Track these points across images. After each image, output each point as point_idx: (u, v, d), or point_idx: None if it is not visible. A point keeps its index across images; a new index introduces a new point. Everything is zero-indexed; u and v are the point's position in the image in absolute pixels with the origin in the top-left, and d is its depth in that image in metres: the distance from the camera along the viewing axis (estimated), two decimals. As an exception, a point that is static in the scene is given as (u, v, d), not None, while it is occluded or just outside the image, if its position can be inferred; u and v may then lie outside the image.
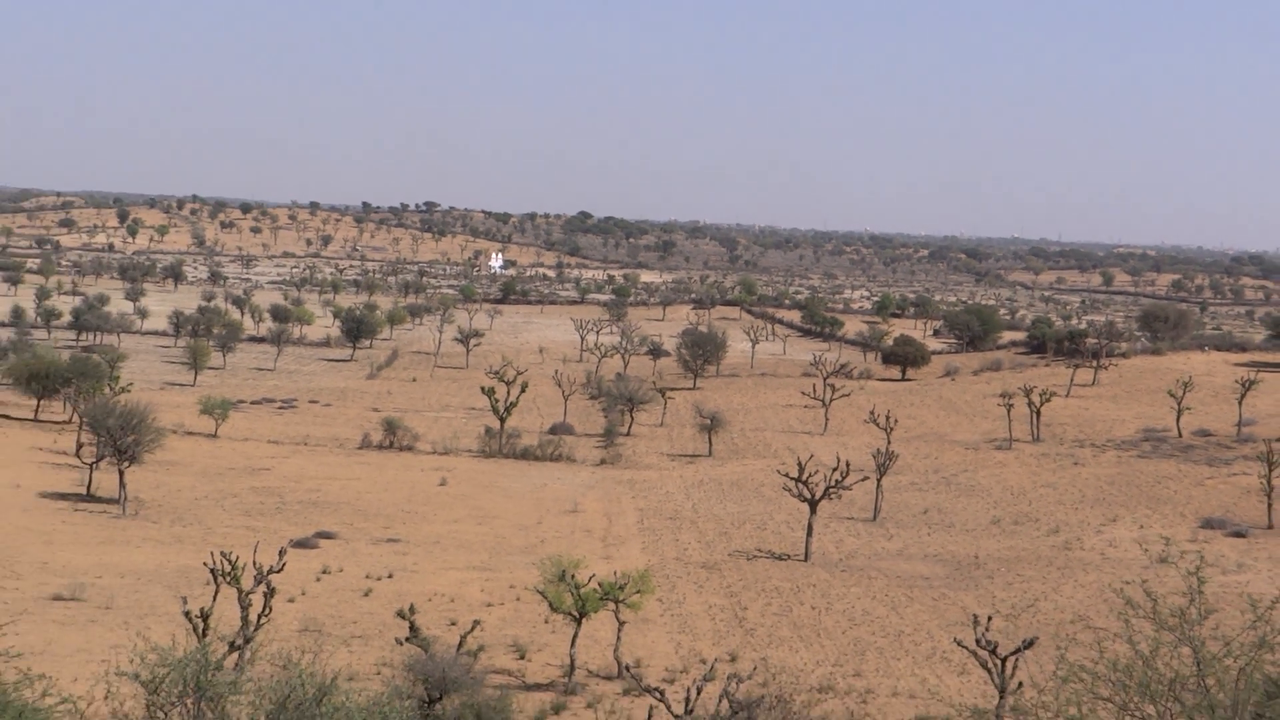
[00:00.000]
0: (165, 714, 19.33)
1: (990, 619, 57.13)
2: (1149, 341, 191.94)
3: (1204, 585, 20.50)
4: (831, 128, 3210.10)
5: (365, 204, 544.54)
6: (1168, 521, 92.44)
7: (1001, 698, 48.74)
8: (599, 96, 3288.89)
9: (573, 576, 59.56)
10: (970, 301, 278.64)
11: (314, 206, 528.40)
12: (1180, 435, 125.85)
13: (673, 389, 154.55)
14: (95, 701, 19.51)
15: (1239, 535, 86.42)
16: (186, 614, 52.74)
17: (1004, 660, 49.49)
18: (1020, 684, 47.77)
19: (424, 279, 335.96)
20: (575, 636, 59.26)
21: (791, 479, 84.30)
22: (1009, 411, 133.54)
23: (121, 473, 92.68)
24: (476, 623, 59.63)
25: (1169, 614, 18.64)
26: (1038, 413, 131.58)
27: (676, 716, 43.25)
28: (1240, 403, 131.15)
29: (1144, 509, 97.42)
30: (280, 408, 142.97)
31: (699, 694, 45.04)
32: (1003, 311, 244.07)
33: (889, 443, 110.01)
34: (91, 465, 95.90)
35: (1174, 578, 56.97)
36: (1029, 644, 51.69)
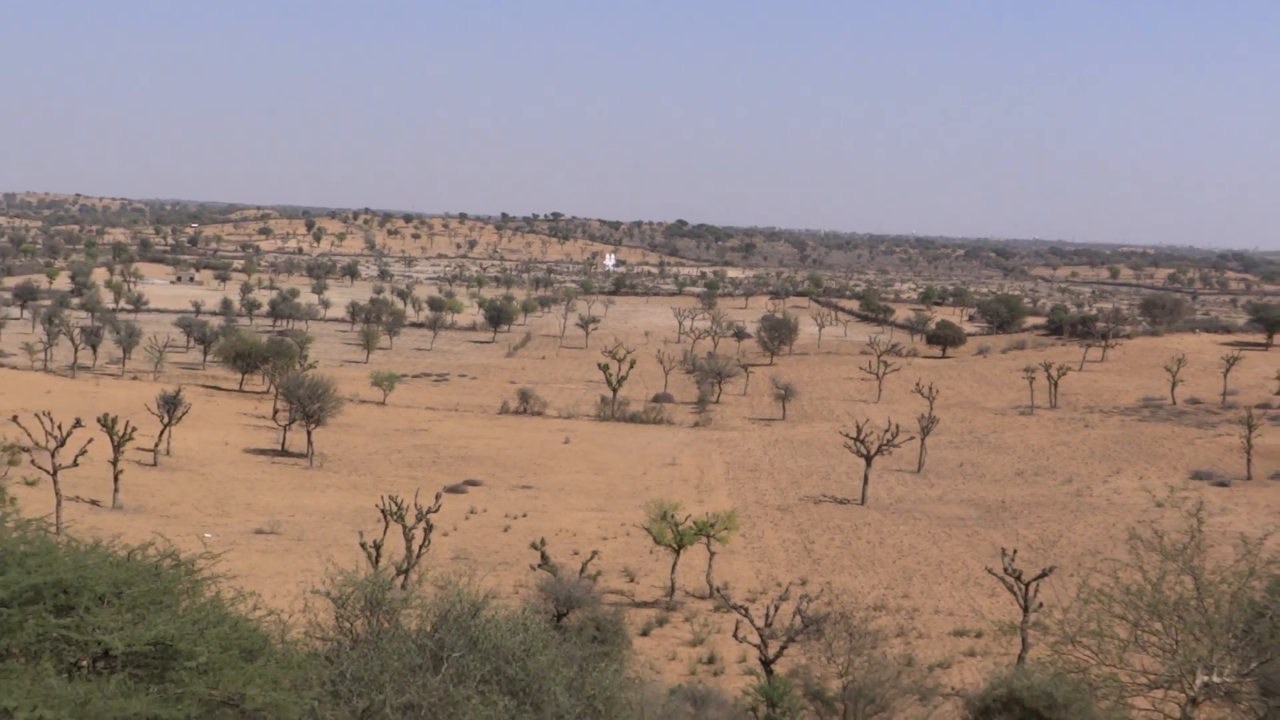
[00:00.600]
0: (351, 624, 19.93)
1: (1015, 551, 57.53)
2: (1149, 325, 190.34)
3: (1202, 525, 20.96)
4: (882, 145, 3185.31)
5: (504, 214, 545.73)
6: (1162, 474, 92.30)
7: (1025, 615, 49.18)
8: (693, 123, 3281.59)
9: (672, 516, 60.67)
10: (999, 292, 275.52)
11: (462, 216, 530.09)
12: (1174, 403, 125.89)
13: (753, 365, 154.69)
14: (294, 614, 20.31)
15: (1223, 485, 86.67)
16: (363, 545, 54.40)
17: (1027, 585, 49.99)
18: (1041, 604, 48.17)
19: (551, 275, 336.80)
20: (674, 564, 60.38)
21: (851, 438, 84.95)
22: (1031, 383, 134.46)
23: (309, 432, 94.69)
24: (595, 553, 60.87)
25: (1173, 548, 19.17)
26: (1055, 384, 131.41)
27: (758, 628, 44.15)
28: (1225, 376, 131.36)
29: (1143, 463, 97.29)
30: (435, 380, 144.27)
31: (776, 610, 45.97)
32: (1026, 300, 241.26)
33: (931, 409, 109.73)
34: (285, 427, 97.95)
35: (1172, 519, 57.34)
36: (1047, 572, 52.08)
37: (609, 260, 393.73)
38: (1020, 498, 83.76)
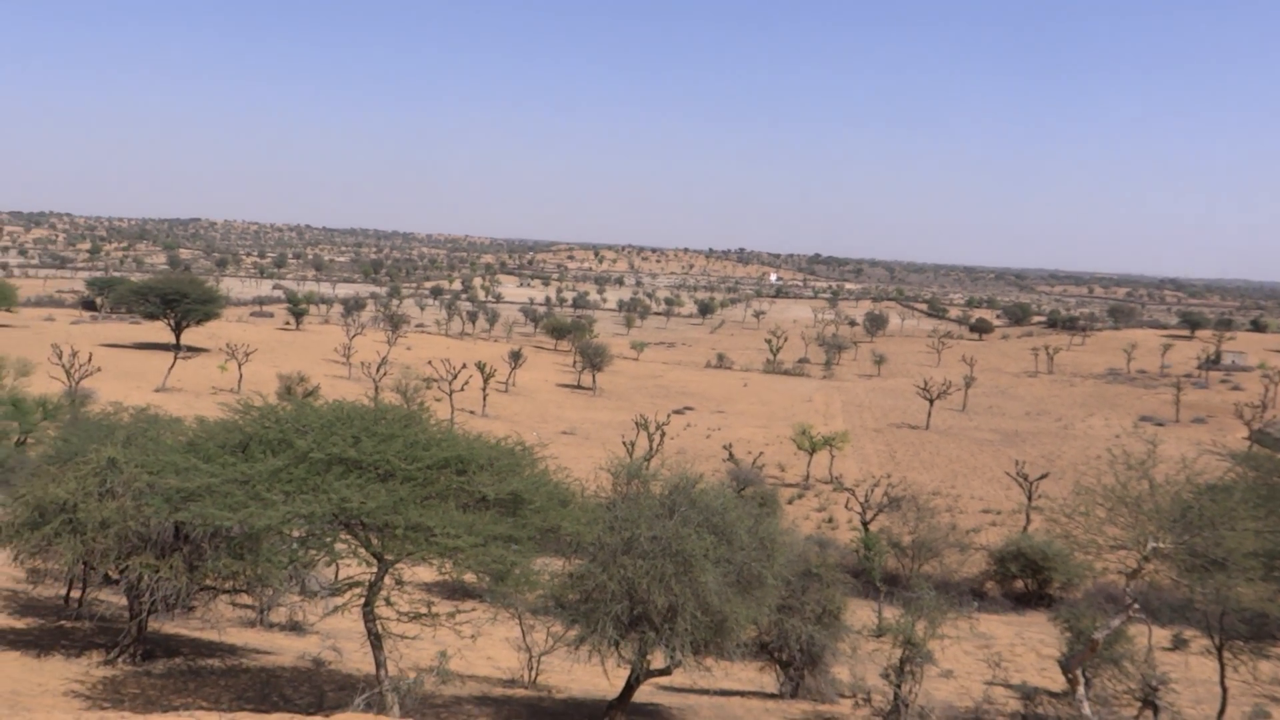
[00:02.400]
0: (621, 487, 20.10)
1: (1024, 462, 55.48)
2: (1113, 323, 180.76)
3: (1156, 448, 20.04)
4: (941, 202, 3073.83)
5: (710, 248, 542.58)
6: (1120, 418, 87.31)
7: (1029, 501, 47.57)
8: (833, 185, 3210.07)
9: (808, 432, 59.99)
10: (1016, 300, 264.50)
11: (685, 249, 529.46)
12: (1129, 372, 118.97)
13: (860, 342, 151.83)
14: (588, 480, 20.56)
15: (1160, 425, 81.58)
16: (624, 442, 55.17)
17: (1030, 483, 48.18)
18: (1041, 494, 46.46)
19: (737, 285, 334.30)
20: (809, 462, 59.73)
21: (920, 388, 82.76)
22: (1035, 357, 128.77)
23: (594, 375, 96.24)
24: (760, 453, 60.63)
25: (1134, 461, 18.40)
26: (1051, 358, 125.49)
27: (860, 502, 43.56)
28: (1162, 355, 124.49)
29: (1107, 410, 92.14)
30: (667, 346, 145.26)
31: (871, 492, 45.25)
32: (1033, 305, 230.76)
33: (971, 371, 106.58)
34: (579, 371, 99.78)
35: (1128, 444, 54.71)
36: (1043, 476, 50.13)
37: (772, 277, 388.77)
38: (1027, 429, 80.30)
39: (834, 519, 49.65)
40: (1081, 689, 17.64)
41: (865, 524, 42.11)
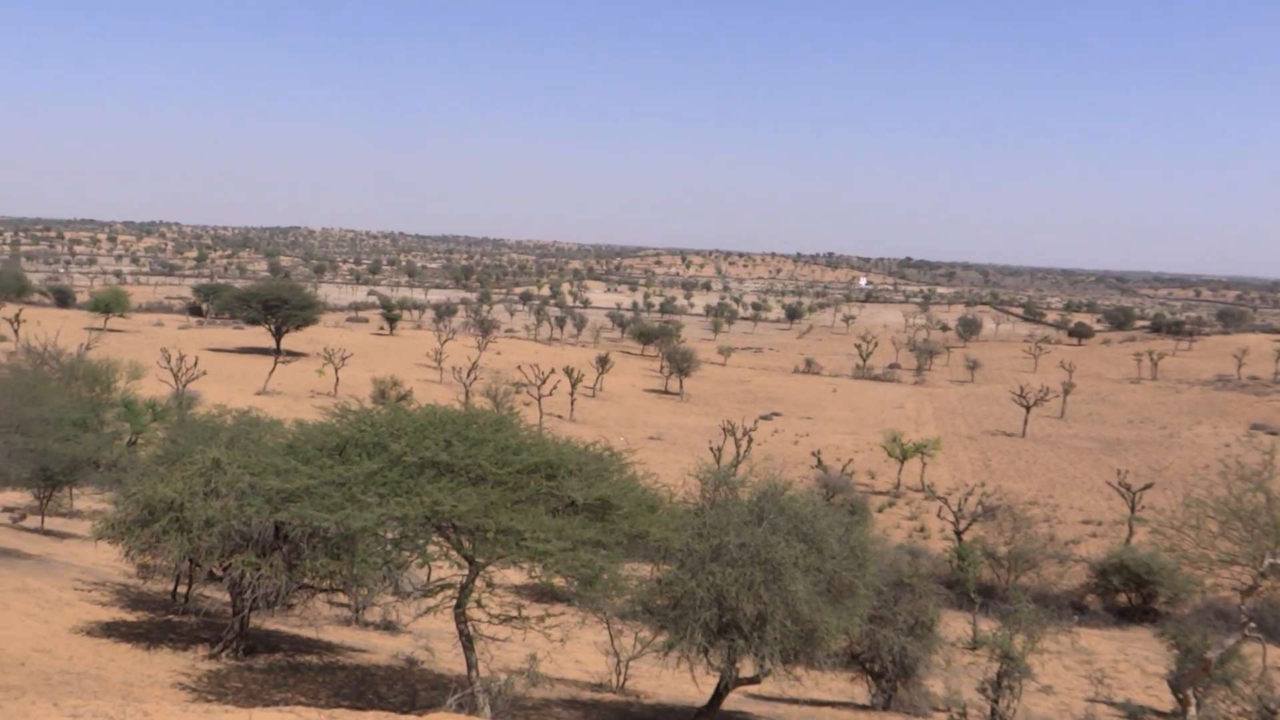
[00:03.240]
0: (711, 492, 20.00)
1: (1126, 472, 53.58)
2: (1222, 328, 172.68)
3: (1273, 458, 19.04)
4: (1052, 190, 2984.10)
5: (798, 252, 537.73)
6: (1230, 425, 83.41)
7: (1131, 512, 45.87)
8: (923, 191, 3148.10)
9: (899, 439, 58.95)
10: (1117, 303, 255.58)
11: (773, 254, 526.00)
12: (1239, 379, 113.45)
13: (952, 347, 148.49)
14: (677, 489, 20.31)
15: (1273, 434, 77.44)
16: (711, 448, 55.00)
17: (1133, 493, 46.48)
18: (1145, 505, 44.80)
19: (826, 290, 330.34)
20: (900, 469, 58.67)
21: (1016, 394, 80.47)
22: (1138, 362, 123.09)
23: (680, 380, 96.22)
24: (850, 460, 59.79)
25: (1249, 472, 17.57)
26: (1155, 364, 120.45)
27: (953, 511, 42.60)
28: (1276, 361, 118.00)
29: (1215, 418, 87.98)
30: (755, 352, 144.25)
31: (965, 500, 44.18)
32: (1135, 309, 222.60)
33: (1070, 377, 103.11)
34: (666, 376, 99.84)
35: (1239, 454, 52.33)
36: (1147, 486, 48.31)
37: (862, 281, 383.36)
38: (1130, 437, 77.39)
39: (926, 528, 48.63)
40: (1193, 710, 16.92)
41: (959, 533, 41.15)
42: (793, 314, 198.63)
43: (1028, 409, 78.13)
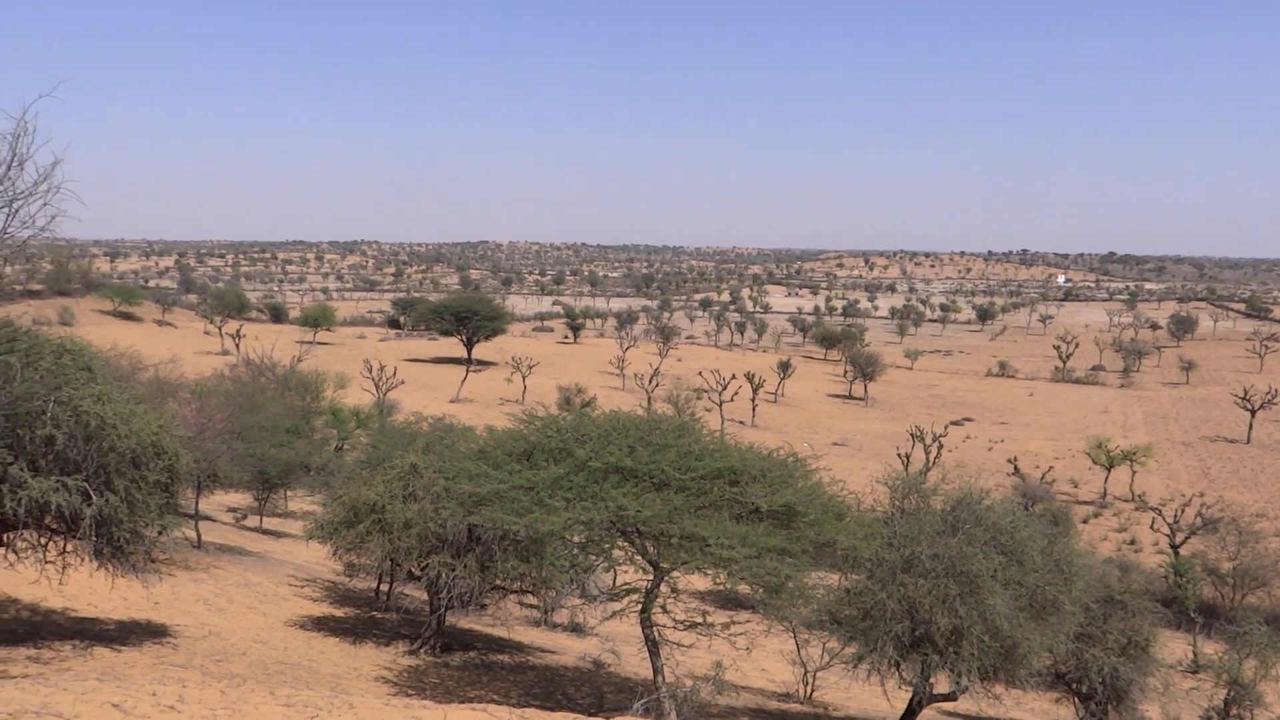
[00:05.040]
0: (902, 502, 19.37)
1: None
2: None
3: None
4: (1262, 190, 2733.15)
5: (989, 250, 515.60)
6: None
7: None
8: (1127, 176, 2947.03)
9: (1105, 445, 55.46)
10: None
11: (961, 253, 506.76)
12: None
13: (1164, 347, 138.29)
14: (865, 496, 19.80)
15: None
16: (899, 454, 53.42)
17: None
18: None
19: (1020, 289, 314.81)
20: (1106, 478, 55.16)
21: (1238, 397, 73.92)
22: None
23: (865, 384, 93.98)
24: (1050, 467, 56.82)
25: None
26: None
27: (1168, 523, 39.65)
28: None
29: None
30: (943, 355, 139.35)
31: (1182, 511, 41.04)
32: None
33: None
34: (850, 380, 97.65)
35: None
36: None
37: (1060, 278, 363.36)
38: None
39: (1137, 540, 45.49)
40: None
41: (1174, 547, 38.24)
42: (984, 315, 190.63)
43: (1253, 413, 71.75)
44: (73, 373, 13.87)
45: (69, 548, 14.35)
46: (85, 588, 18.26)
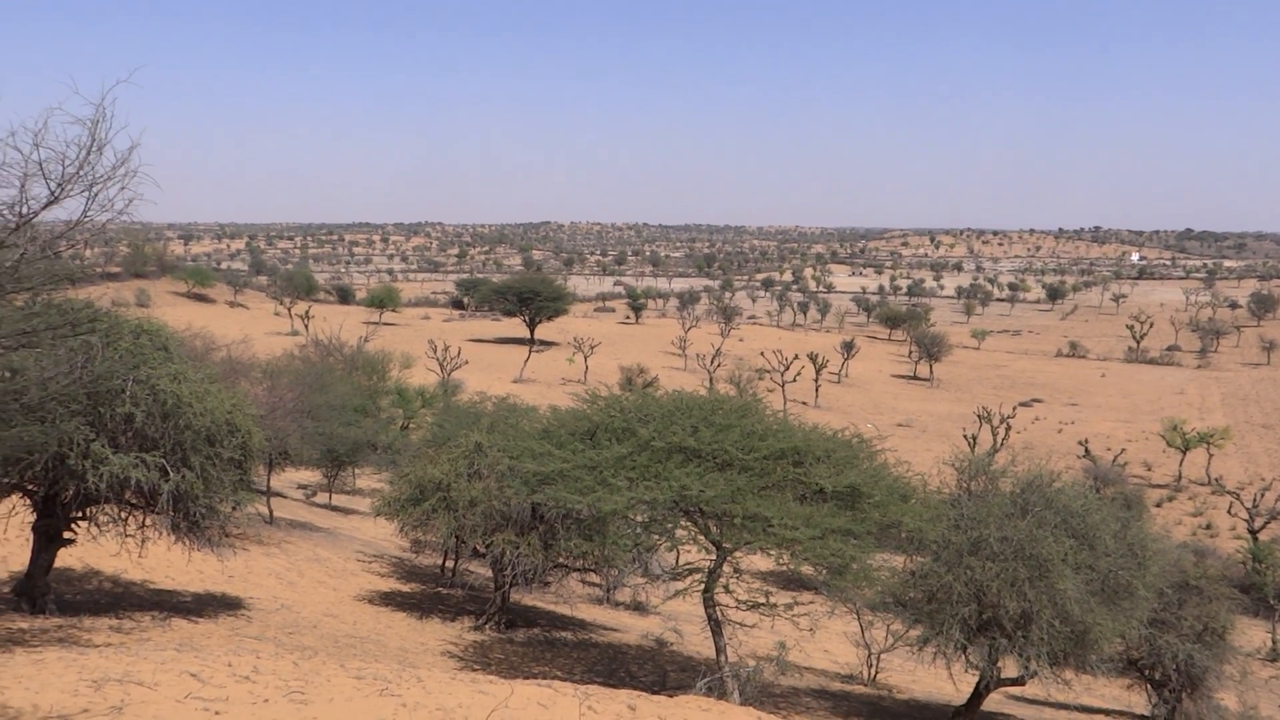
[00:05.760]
0: (966, 484, 19.06)
1: None
2: None
3: None
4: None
5: (1060, 228, 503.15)
6: None
7: None
8: (1195, 136, 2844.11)
9: (1180, 427, 53.97)
10: None
11: (1031, 230, 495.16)
12: None
13: (1243, 327, 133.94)
14: (931, 477, 19.43)
15: None
16: (965, 436, 52.61)
17: None
18: None
19: (1092, 268, 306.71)
20: (1181, 460, 53.74)
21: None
22: None
23: (930, 365, 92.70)
24: (1122, 449, 55.48)
25: None
26: None
27: (1247, 508, 38.51)
28: None
29: None
30: (1011, 335, 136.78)
31: (1261, 496, 39.84)
32: None
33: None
34: (915, 361, 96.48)
35: None
36: None
37: (1134, 256, 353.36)
38: None
39: (1213, 525, 44.28)
40: None
41: (1253, 532, 37.16)
42: (1054, 294, 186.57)
43: (1338, 394, 69.36)
44: (150, 352, 14.27)
45: (148, 522, 14.81)
46: (163, 560, 18.85)
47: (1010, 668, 16.47)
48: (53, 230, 11.80)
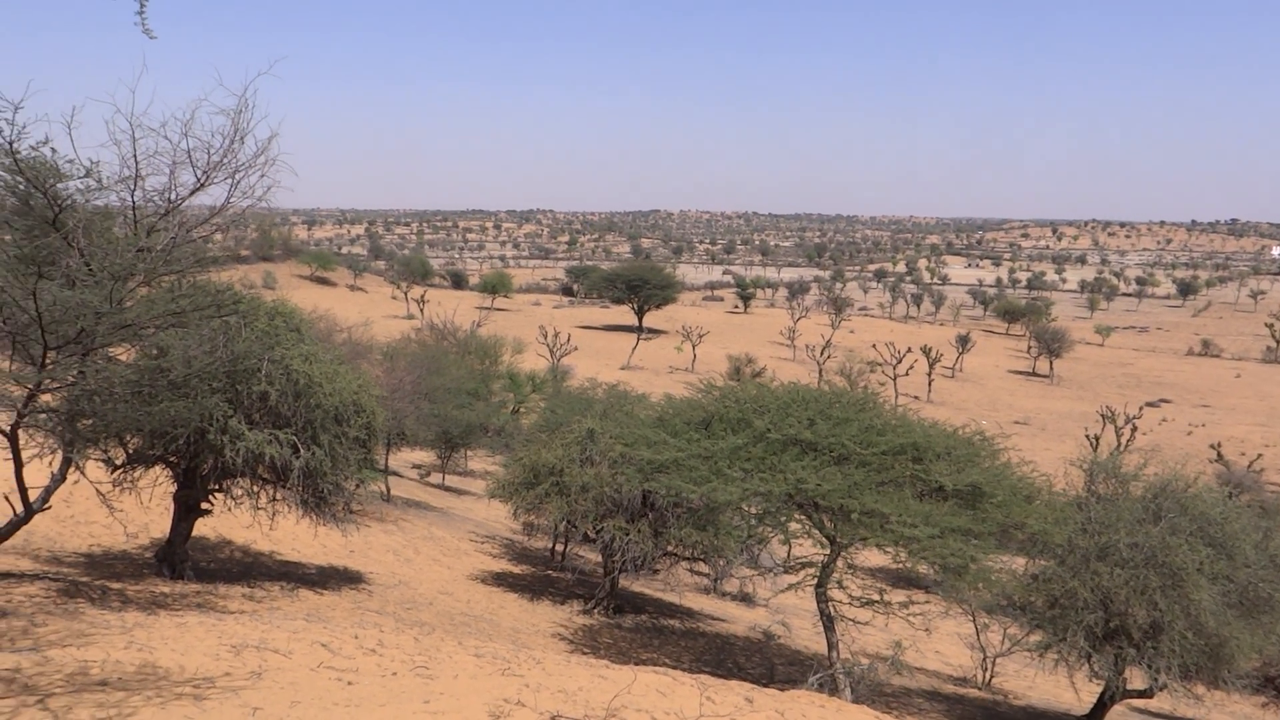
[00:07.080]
0: (1094, 486, 18.38)
1: None
2: None
3: None
4: None
5: (1192, 220, 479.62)
6: None
7: None
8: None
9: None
10: None
11: (1162, 223, 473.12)
12: None
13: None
14: (1057, 478, 18.77)
15: None
16: (1087, 436, 50.73)
17: None
18: None
19: (1228, 262, 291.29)
20: (1325, 469, 50.72)
21: None
22: None
23: (1050, 361, 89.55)
24: (1259, 455, 52.66)
25: None
26: None
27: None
28: None
29: None
30: (1139, 331, 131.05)
31: None
32: None
33: None
34: (1034, 357, 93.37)
35: None
36: None
37: (1275, 250, 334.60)
38: None
39: (1360, 539, 41.63)
40: None
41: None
42: (1186, 289, 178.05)
43: None
44: (284, 333, 14.85)
45: (278, 496, 15.44)
46: (290, 534, 19.65)
47: (1137, 679, 15.87)
48: (198, 216, 12.41)
